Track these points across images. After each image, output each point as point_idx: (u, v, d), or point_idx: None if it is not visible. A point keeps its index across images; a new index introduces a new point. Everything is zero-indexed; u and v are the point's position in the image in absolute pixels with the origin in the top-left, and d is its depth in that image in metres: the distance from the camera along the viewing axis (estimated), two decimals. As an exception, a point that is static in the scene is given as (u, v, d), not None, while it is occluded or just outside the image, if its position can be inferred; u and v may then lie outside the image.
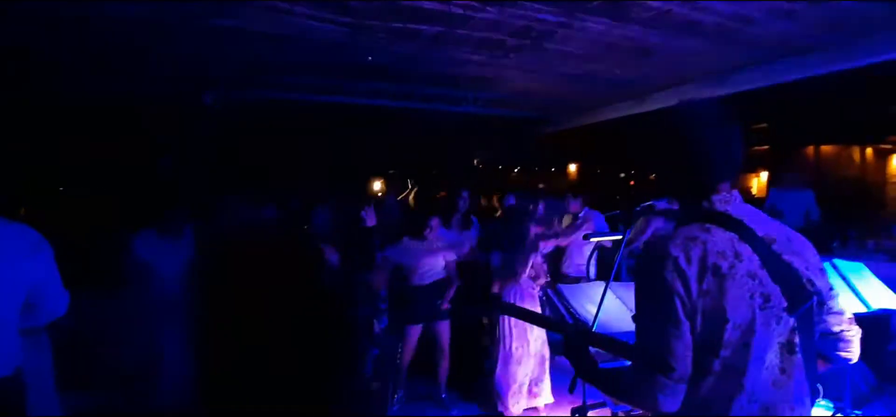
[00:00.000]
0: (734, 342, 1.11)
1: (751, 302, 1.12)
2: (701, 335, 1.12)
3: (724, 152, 1.26)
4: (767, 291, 1.14)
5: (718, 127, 1.27)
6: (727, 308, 1.11)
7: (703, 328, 1.12)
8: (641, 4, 3.60)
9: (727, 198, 1.25)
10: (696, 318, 1.12)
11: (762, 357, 1.12)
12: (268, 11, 3.70)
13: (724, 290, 1.11)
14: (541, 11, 3.61)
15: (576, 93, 6.66)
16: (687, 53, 4.71)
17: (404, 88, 6.14)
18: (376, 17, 3.83)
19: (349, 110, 6.48)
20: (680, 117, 1.33)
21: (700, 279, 1.12)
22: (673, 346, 1.11)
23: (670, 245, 1.16)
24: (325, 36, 4.27)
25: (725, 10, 3.68)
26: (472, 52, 4.79)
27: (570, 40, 4.39)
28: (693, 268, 1.12)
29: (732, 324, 1.11)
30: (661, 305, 1.14)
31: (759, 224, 1.23)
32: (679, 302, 1.12)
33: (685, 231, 1.20)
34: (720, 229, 1.18)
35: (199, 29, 4.02)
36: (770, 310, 1.14)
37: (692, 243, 1.15)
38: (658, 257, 1.17)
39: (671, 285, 1.12)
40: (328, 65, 5.22)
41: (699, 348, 1.13)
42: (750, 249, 1.16)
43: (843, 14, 3.71)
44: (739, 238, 1.17)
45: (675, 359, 1.11)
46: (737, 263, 1.14)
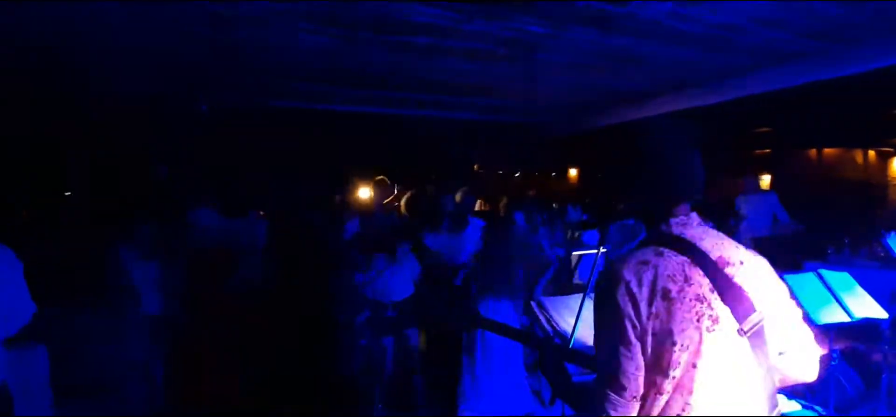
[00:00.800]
0: (683, 364, 1.15)
1: (698, 325, 1.15)
2: (651, 356, 1.16)
3: (681, 175, 1.29)
4: (716, 313, 1.17)
5: (675, 149, 1.29)
6: (674, 331, 1.14)
7: (653, 349, 1.15)
8: (628, 16, 3.63)
9: (685, 221, 1.28)
10: (647, 340, 1.15)
11: (711, 377, 1.15)
12: (261, 24, 3.75)
13: (672, 313, 1.14)
14: (528, 23, 3.64)
15: (571, 100, 6.69)
16: (679, 61, 4.73)
17: (398, 95, 6.19)
18: (367, 29, 3.88)
19: (343, 117, 6.54)
20: (637, 139, 1.35)
21: (650, 303, 1.15)
22: (624, 366, 1.16)
23: (623, 269, 1.20)
24: (318, 47, 4.33)
25: (712, 20, 3.70)
26: (464, 61, 4.83)
27: (561, 50, 4.42)
28: (643, 291, 1.16)
29: (679, 345, 1.14)
30: (613, 326, 1.18)
31: (715, 247, 1.25)
32: (629, 324, 1.16)
33: (639, 255, 1.23)
34: (673, 253, 1.21)
35: (192, 38, 4.09)
36: (719, 332, 1.17)
37: (644, 268, 1.19)
38: (612, 281, 1.21)
39: (622, 307, 1.16)
40: (321, 73, 5.28)
41: (651, 368, 1.16)
42: (701, 272, 1.19)
43: (830, 22, 3.73)
44: (691, 262, 1.20)
45: (626, 378, 1.16)
46: (686, 286, 1.17)
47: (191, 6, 3.42)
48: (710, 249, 1.24)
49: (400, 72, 5.18)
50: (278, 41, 4.17)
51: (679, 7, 3.49)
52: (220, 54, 4.53)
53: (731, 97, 5.46)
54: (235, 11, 3.53)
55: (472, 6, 3.35)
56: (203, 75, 5.36)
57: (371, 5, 3.40)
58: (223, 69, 5.18)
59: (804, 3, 3.38)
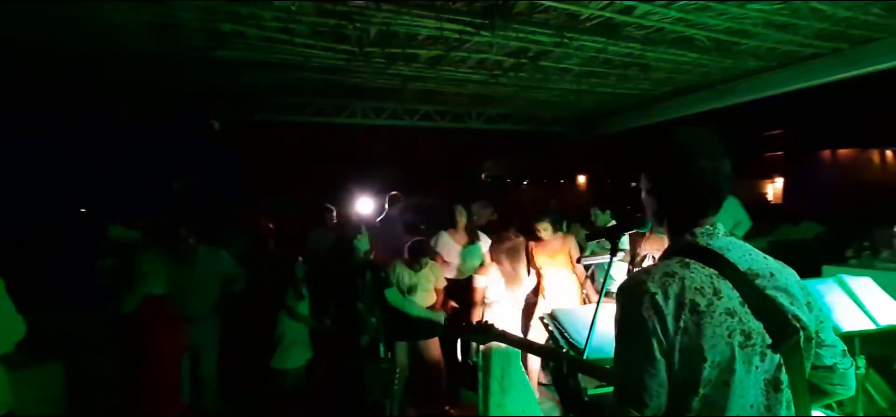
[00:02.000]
0: (713, 381, 1.09)
1: (730, 340, 1.09)
2: (679, 373, 1.10)
3: (710, 186, 1.24)
4: (748, 328, 1.12)
5: (707, 158, 1.24)
6: (704, 347, 1.09)
7: (681, 365, 1.10)
8: (633, 23, 3.62)
9: (711, 231, 1.23)
10: (673, 356, 1.10)
11: (744, 396, 1.10)
12: (267, 42, 3.80)
13: (702, 328, 1.09)
14: (534, 32, 3.64)
15: (578, 107, 6.67)
16: (686, 66, 4.69)
17: (405, 107, 6.22)
18: (374, 44, 3.91)
19: (351, 129, 6.58)
20: (667, 146, 1.30)
21: (677, 317, 1.10)
22: (647, 383, 1.10)
23: (648, 281, 1.15)
24: (324, 62, 4.37)
25: (717, 25, 3.68)
26: (471, 71, 4.84)
27: (568, 58, 4.41)
28: (670, 305, 1.10)
29: (710, 362, 1.09)
30: (637, 341, 1.13)
31: (742, 258, 1.20)
32: (655, 340, 1.10)
33: (664, 266, 1.18)
34: (700, 265, 1.16)
35: (203, 60, 4.16)
36: (752, 348, 1.11)
37: (669, 280, 1.13)
38: (635, 293, 1.15)
39: (647, 322, 1.11)
40: (328, 88, 5.33)
41: (678, 385, 1.11)
42: (730, 285, 1.13)
43: (839, 23, 3.68)
44: (719, 274, 1.14)
45: (648, 396, 1.10)
46: (715, 300, 1.11)
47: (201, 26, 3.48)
48: (738, 260, 1.19)
49: (406, 84, 5.21)
50: (288, 58, 4.23)
51: (684, 14, 3.47)
52: (231, 72, 4.60)
53: (739, 101, 5.39)
54: (246, 31, 3.59)
55: (479, 19, 3.36)
56: (216, 93, 5.45)
57: (378, 20, 3.43)
58: (234, 86, 5.26)
59: (811, 6, 3.34)
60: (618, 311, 1.20)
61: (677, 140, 1.27)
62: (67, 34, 3.63)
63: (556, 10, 3.37)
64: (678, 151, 1.25)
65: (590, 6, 3.32)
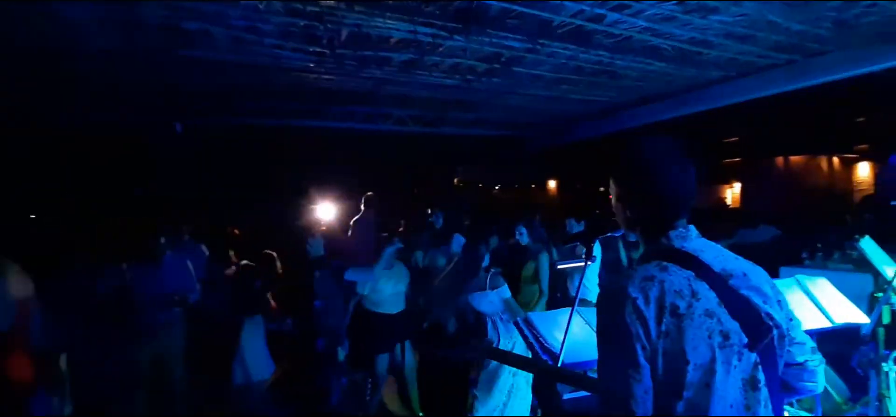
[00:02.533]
0: (696, 383, 1.09)
1: (710, 342, 1.10)
2: (662, 377, 1.10)
3: (681, 190, 1.26)
4: (726, 328, 1.12)
5: (675, 164, 1.26)
6: (687, 349, 1.08)
7: (664, 369, 1.09)
8: (603, 32, 3.70)
9: (684, 233, 1.24)
10: (657, 360, 1.09)
11: (725, 396, 1.10)
12: (236, 43, 3.67)
13: (683, 330, 1.09)
14: (507, 39, 3.67)
15: (549, 113, 6.77)
16: (652, 75, 4.84)
17: (378, 110, 6.15)
18: (345, 46, 3.84)
19: (323, 133, 6.45)
20: (638, 154, 1.32)
21: (658, 321, 1.09)
22: (633, 389, 1.09)
23: (628, 286, 1.15)
24: (295, 65, 4.27)
25: (682, 36, 3.82)
26: (445, 76, 4.83)
27: (540, 64, 4.48)
28: (651, 309, 1.10)
29: (693, 365, 1.09)
30: (620, 347, 1.11)
31: (716, 259, 1.22)
32: (639, 346, 1.09)
33: (642, 270, 1.18)
34: (677, 267, 1.16)
35: (166, 59, 3.97)
36: (730, 348, 1.12)
37: (649, 283, 1.13)
38: (617, 299, 1.14)
39: (630, 327, 1.09)
40: (299, 90, 5.20)
41: (661, 389, 1.10)
42: (707, 286, 1.14)
43: (794, 36, 3.88)
44: (696, 276, 1.15)
45: (634, 403, 1.09)
46: (694, 302, 1.12)
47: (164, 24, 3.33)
48: (712, 261, 1.20)
49: (380, 87, 5.15)
50: (255, 60, 4.09)
51: (651, 24, 3.58)
52: (196, 73, 4.42)
53: (702, 109, 5.61)
54: (212, 31, 3.45)
55: (453, 23, 3.36)
56: (179, 96, 5.22)
57: (350, 22, 3.37)
58: (199, 89, 5.06)
59: (768, 19, 3.50)
60: (600, 319, 1.19)
61: (645, 148, 1.29)
62: (22, 31, 3.40)
63: (529, 17, 3.40)
64: (646, 158, 1.28)
65: (562, 13, 3.37)
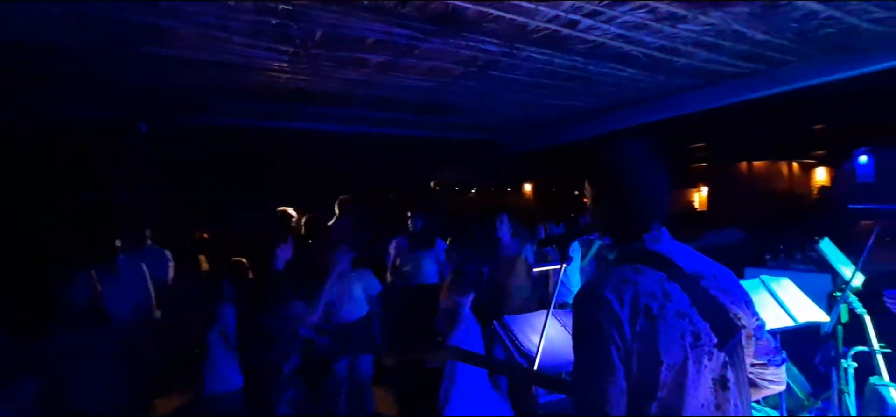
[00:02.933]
0: (669, 383, 1.11)
1: (682, 342, 1.12)
2: (636, 378, 1.11)
3: (655, 193, 1.28)
4: (697, 329, 1.15)
5: (649, 168, 1.28)
6: (660, 350, 1.10)
7: (638, 370, 1.10)
8: (577, 37, 3.76)
9: (657, 236, 1.26)
10: (631, 361, 1.10)
11: (696, 396, 1.12)
12: (203, 40, 3.55)
13: (657, 331, 1.10)
14: (484, 42, 3.68)
15: (525, 117, 6.84)
16: (624, 81, 4.95)
17: (353, 112, 6.07)
18: (320, 47, 3.77)
19: (297, 135, 6.32)
20: (613, 158, 1.33)
21: (633, 322, 1.11)
22: (608, 392, 1.10)
23: (604, 288, 1.16)
24: (268, 64, 4.17)
25: (653, 43, 3.91)
26: (422, 79, 4.81)
27: (516, 69, 4.51)
28: (626, 311, 1.11)
29: (666, 365, 1.10)
30: (595, 349, 1.12)
31: (687, 261, 1.24)
32: (614, 347, 1.10)
33: (618, 273, 1.19)
34: (650, 269, 1.18)
35: (129, 56, 3.81)
36: (701, 348, 1.14)
37: (624, 285, 1.15)
38: (592, 301, 1.15)
39: (606, 329, 1.11)
40: (272, 90, 5.08)
41: (635, 391, 1.11)
42: (679, 288, 1.16)
43: (758, 45, 4.03)
44: (668, 277, 1.17)
45: (609, 405, 1.10)
46: (667, 303, 1.13)
47: (130, 19, 3.18)
48: (683, 263, 1.22)
49: (355, 89, 5.08)
50: (225, 58, 3.97)
51: (623, 31, 3.65)
52: (163, 71, 4.25)
53: (671, 115, 5.77)
54: (179, 27, 3.32)
55: (430, 25, 3.34)
56: (145, 94, 5.02)
57: (324, 22, 3.30)
58: (165, 87, 4.87)
59: (734, 29, 3.63)
60: (575, 320, 1.19)
61: (620, 153, 1.32)
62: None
63: (505, 20, 3.42)
64: (621, 163, 1.30)
65: (537, 18, 3.40)
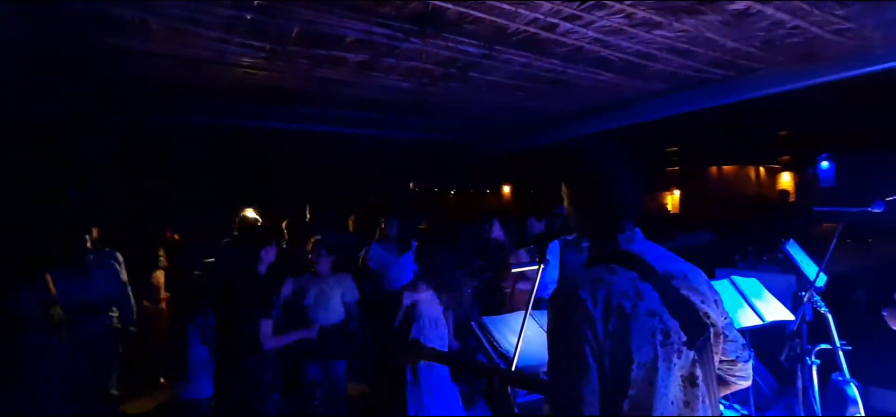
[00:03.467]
0: (640, 382, 1.12)
1: (653, 341, 1.14)
2: (610, 377, 1.12)
3: (628, 194, 1.30)
4: (667, 327, 1.17)
5: (624, 170, 1.31)
6: (632, 349, 1.11)
7: (611, 369, 1.12)
8: (556, 41, 3.80)
9: (630, 236, 1.28)
10: (604, 360, 1.12)
11: (666, 393, 1.14)
12: (174, 34, 3.44)
13: (629, 330, 1.12)
14: (464, 44, 3.68)
15: (503, 120, 6.88)
16: (601, 85, 5.04)
17: (331, 112, 5.99)
18: (297, 44, 3.70)
19: (273, 135, 6.20)
20: (588, 160, 1.35)
21: (606, 322, 1.12)
22: (582, 390, 1.10)
23: (578, 288, 1.17)
24: (242, 61, 4.07)
25: (629, 49, 3.99)
26: (401, 79, 4.78)
27: (495, 71, 4.53)
28: (599, 310, 1.13)
29: (637, 364, 1.12)
30: (569, 348, 1.13)
31: (659, 261, 1.27)
32: (587, 347, 1.11)
33: (592, 273, 1.21)
34: (623, 269, 1.20)
35: (94, 49, 3.66)
36: (671, 346, 1.16)
37: (598, 285, 1.16)
38: (567, 300, 1.16)
39: (579, 328, 1.12)
40: (246, 88, 4.96)
41: (608, 389, 1.12)
42: (650, 287, 1.18)
43: (729, 53, 4.16)
44: (640, 277, 1.19)
45: (583, 403, 1.10)
46: (639, 302, 1.15)
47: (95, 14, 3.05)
48: (655, 262, 1.24)
49: (333, 89, 5.01)
50: (196, 54, 3.86)
51: (601, 35, 3.71)
52: (129, 65, 4.10)
53: (647, 119, 5.90)
54: (150, 21, 3.21)
55: (409, 25, 3.32)
56: (116, 92, 4.83)
57: (301, 18, 3.24)
58: (132, 82, 4.70)
59: (706, 36, 3.74)
60: (550, 320, 1.20)
61: (595, 154, 1.34)
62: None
63: (486, 22, 3.43)
64: (596, 164, 1.32)
65: (516, 20, 3.42)
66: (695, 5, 3.23)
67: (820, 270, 2.73)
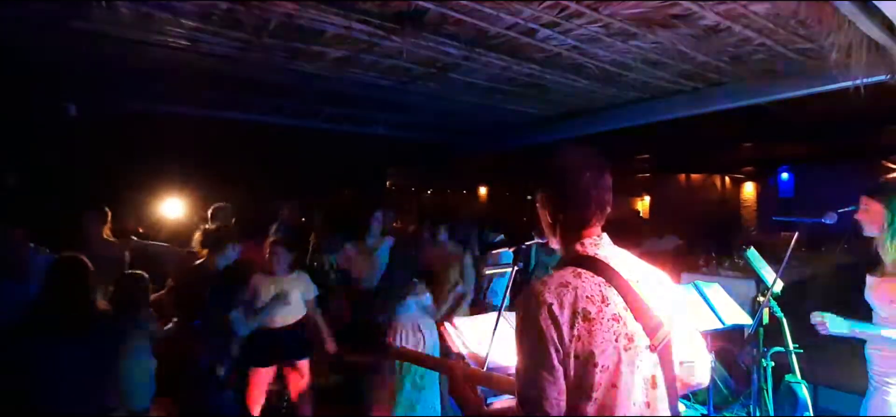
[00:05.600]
0: (603, 384, 1.16)
1: (616, 344, 1.18)
2: (574, 380, 1.16)
3: (596, 199, 1.34)
4: (631, 331, 1.21)
5: (592, 174, 1.35)
6: (596, 352, 1.15)
7: (576, 372, 1.15)
8: (534, 46, 3.86)
9: (597, 241, 1.32)
10: (569, 362, 1.15)
11: (629, 396, 1.19)
12: (144, 19, 3.32)
13: (593, 334, 1.16)
14: (444, 44, 3.70)
15: (481, 121, 6.93)
16: (578, 91, 5.14)
17: (308, 106, 5.90)
18: (274, 36, 3.63)
19: (246, 127, 6.06)
20: (558, 163, 1.39)
21: (571, 325, 1.16)
22: (547, 391, 1.14)
23: (545, 292, 1.20)
24: (215, 50, 3.96)
25: (605, 57, 4.10)
26: (380, 76, 4.76)
27: (475, 72, 4.56)
28: (565, 314, 1.16)
29: (600, 367, 1.16)
30: (536, 350, 1.16)
31: (625, 266, 1.31)
32: (553, 349, 1.15)
33: (558, 277, 1.24)
34: (590, 274, 1.24)
35: (59, 32, 3.49)
36: (634, 349, 1.21)
37: (564, 289, 1.19)
38: (533, 304, 1.19)
39: (545, 331, 1.15)
40: (220, 78, 4.83)
41: (572, 391, 1.16)
42: (615, 292, 1.23)
43: (699, 65, 4.32)
44: (606, 282, 1.23)
45: (548, 404, 1.14)
46: (604, 307, 1.19)
47: None
48: (620, 267, 1.29)
49: (310, 83, 4.94)
50: (168, 39, 3.73)
51: (579, 43, 3.80)
52: (100, 52, 3.93)
53: (620, 126, 6.06)
54: (116, 3, 3.09)
55: (390, 23, 3.31)
56: (77, 76, 4.61)
57: (279, 10, 3.18)
58: (101, 69, 4.50)
59: (678, 49, 3.87)
60: (517, 322, 1.24)
61: (565, 158, 1.37)
62: None
63: (467, 24, 3.45)
64: (565, 168, 1.36)
65: (497, 24, 3.46)
66: (669, 19, 3.34)
67: (777, 276, 2.87)
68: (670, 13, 3.26)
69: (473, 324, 2.48)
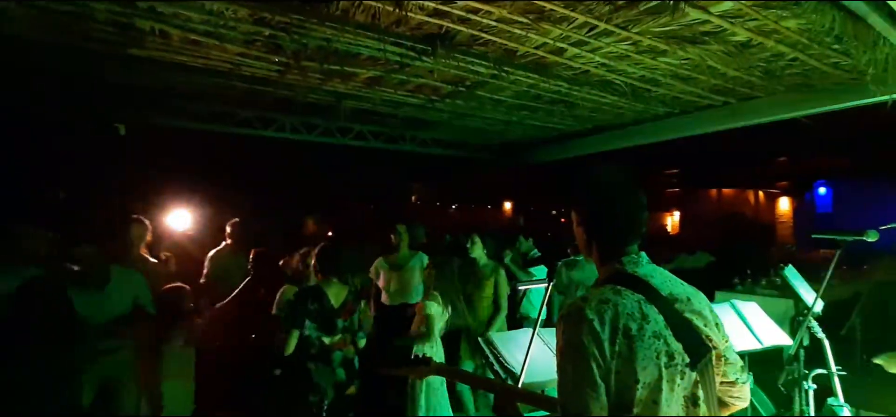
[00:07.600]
0: (644, 401, 1.18)
1: (657, 361, 1.20)
2: (615, 396, 1.18)
3: (634, 218, 1.37)
4: (671, 349, 1.23)
5: (630, 194, 1.38)
6: (637, 369, 1.17)
7: (617, 388, 1.18)
8: (563, 64, 3.91)
9: (636, 260, 1.35)
10: (610, 379, 1.18)
11: (668, 413, 1.20)
12: (193, 44, 3.54)
13: (634, 351, 1.18)
14: (473, 64, 3.78)
15: (508, 136, 6.98)
16: (606, 107, 5.15)
17: (337, 124, 6.08)
18: (311, 58, 3.80)
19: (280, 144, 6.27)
20: (596, 183, 1.43)
21: (612, 341, 1.18)
22: (590, 407, 1.16)
23: (586, 309, 1.23)
24: (256, 72, 4.16)
25: (634, 73, 4.10)
26: (409, 94, 4.88)
27: (502, 90, 4.63)
28: (606, 331, 1.19)
29: (642, 384, 1.18)
30: (578, 367, 1.19)
31: (664, 284, 1.33)
32: (595, 365, 1.17)
33: (598, 294, 1.27)
34: (629, 291, 1.26)
35: (116, 57, 3.74)
36: (674, 367, 1.22)
37: (604, 306, 1.22)
38: (575, 321, 1.22)
39: (587, 348, 1.18)
40: (255, 98, 5.06)
41: (614, 407, 1.18)
42: (655, 309, 1.24)
43: (730, 81, 4.27)
44: (646, 299, 1.25)
45: None
46: (644, 324, 1.21)
47: (119, 21, 3.14)
48: (660, 285, 1.31)
49: (341, 101, 5.11)
50: (215, 64, 3.95)
51: (608, 60, 3.82)
52: (145, 73, 4.18)
53: (648, 141, 6.01)
54: (169, 30, 3.30)
55: (422, 45, 3.42)
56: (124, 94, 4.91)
57: (318, 36, 3.34)
58: (146, 88, 4.79)
59: (709, 64, 3.85)
60: (559, 339, 1.26)
61: (601, 178, 1.41)
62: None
63: (496, 44, 3.53)
64: (602, 188, 1.39)
65: (526, 44, 3.53)
66: (699, 36, 3.35)
67: (817, 296, 2.80)
68: (701, 30, 3.27)
69: (508, 339, 2.51)
